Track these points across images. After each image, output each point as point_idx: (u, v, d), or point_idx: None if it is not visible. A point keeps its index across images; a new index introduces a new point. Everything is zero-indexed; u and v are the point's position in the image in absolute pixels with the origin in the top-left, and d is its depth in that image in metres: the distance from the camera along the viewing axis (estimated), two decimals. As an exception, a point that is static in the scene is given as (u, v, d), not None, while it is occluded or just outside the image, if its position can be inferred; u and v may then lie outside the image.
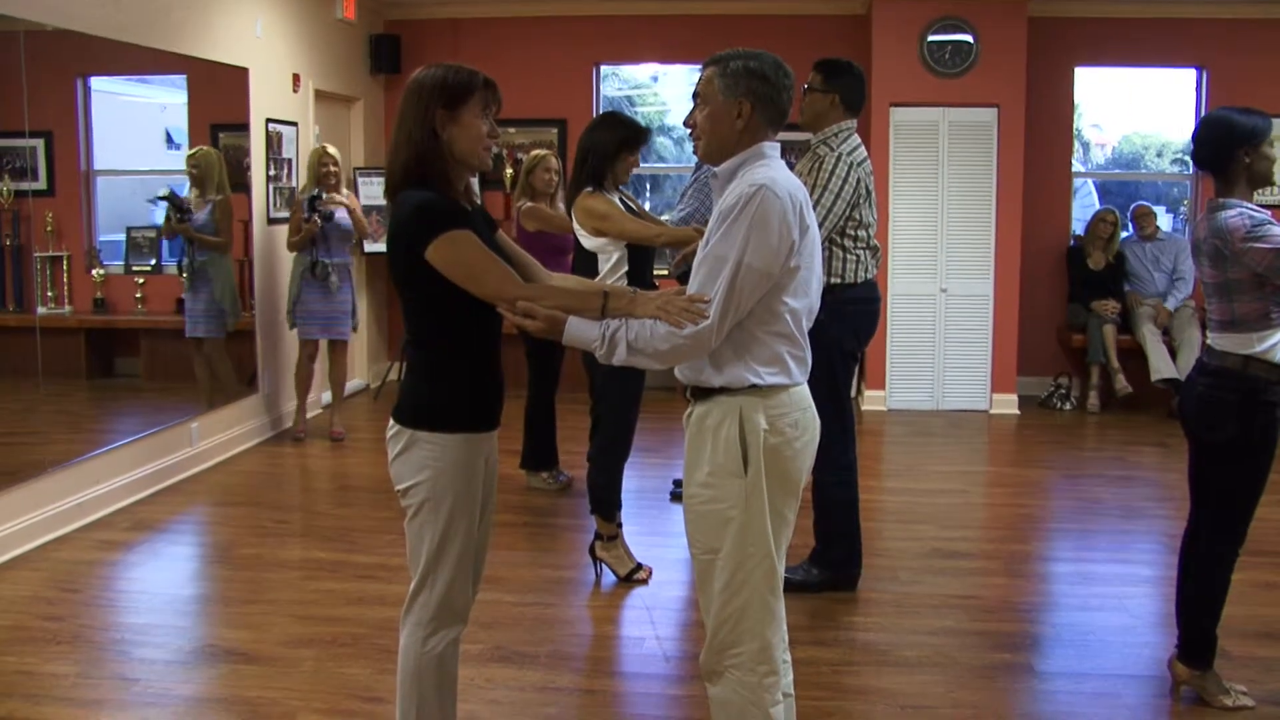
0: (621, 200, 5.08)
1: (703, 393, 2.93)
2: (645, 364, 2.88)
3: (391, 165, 2.95)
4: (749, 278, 2.74)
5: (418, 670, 3.03)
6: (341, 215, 7.59)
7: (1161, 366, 8.56)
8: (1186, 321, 8.65)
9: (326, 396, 8.21)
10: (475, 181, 8.63)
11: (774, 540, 2.90)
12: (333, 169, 7.58)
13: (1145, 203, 9.38)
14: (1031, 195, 8.92)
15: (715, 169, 2.99)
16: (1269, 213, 3.67)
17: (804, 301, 2.89)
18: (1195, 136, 3.80)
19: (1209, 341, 3.81)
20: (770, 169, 2.85)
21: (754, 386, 2.85)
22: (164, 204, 7.06)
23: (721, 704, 2.96)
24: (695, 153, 5.96)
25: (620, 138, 4.98)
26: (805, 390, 2.97)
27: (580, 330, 2.85)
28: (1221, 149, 3.70)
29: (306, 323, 7.65)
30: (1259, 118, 3.70)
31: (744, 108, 2.87)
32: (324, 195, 7.57)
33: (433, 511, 2.96)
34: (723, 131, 2.92)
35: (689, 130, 3.08)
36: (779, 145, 2.96)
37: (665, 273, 6.30)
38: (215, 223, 7.22)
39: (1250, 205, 3.66)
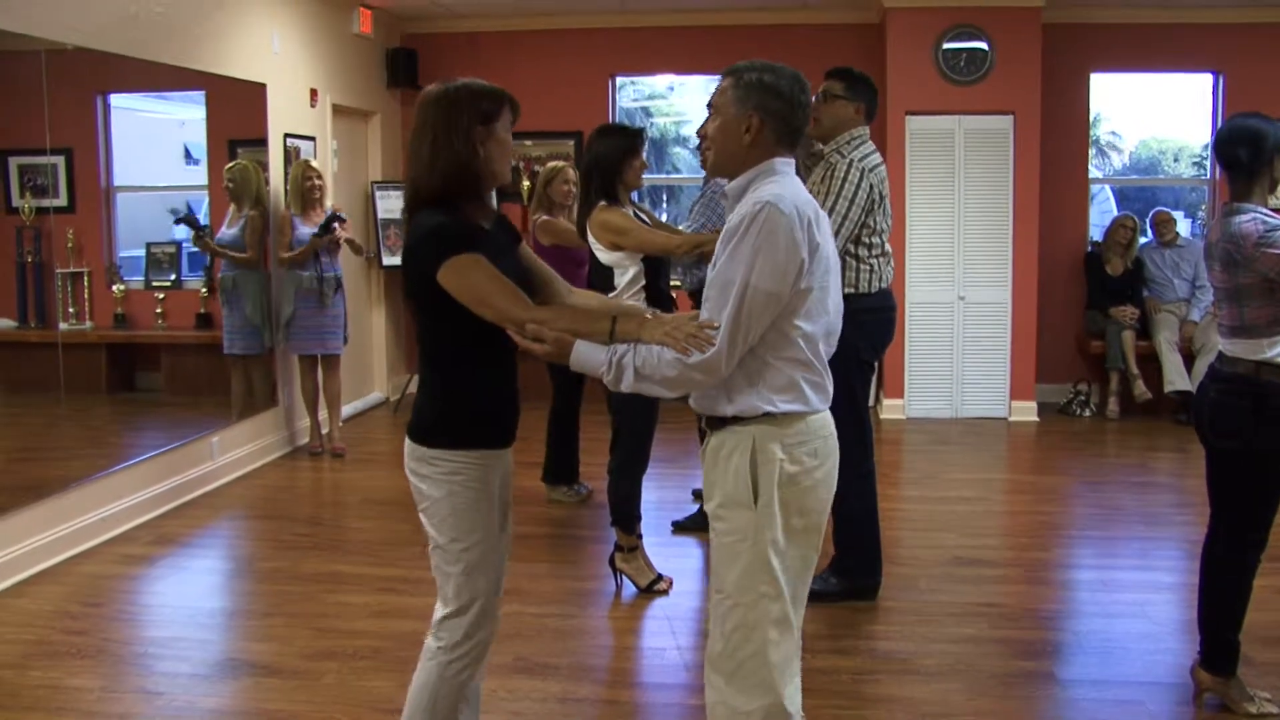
0: (635, 213, 5.09)
1: (717, 422, 2.82)
2: (654, 391, 2.76)
3: (417, 180, 2.92)
4: (757, 300, 2.63)
5: (434, 696, 3.01)
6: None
7: (1175, 378, 8.55)
8: (1208, 326, 8.61)
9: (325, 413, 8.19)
10: (493, 194, 8.68)
11: (791, 578, 2.80)
12: (317, 182, 7.59)
13: (1165, 209, 9.34)
14: (1048, 202, 8.90)
15: (725, 186, 2.94)
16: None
17: (819, 325, 2.78)
18: (1228, 140, 3.74)
19: (1221, 348, 3.80)
20: (779, 185, 2.74)
21: (768, 415, 2.73)
22: (183, 228, 7.12)
23: None
24: (702, 165, 5.98)
25: (621, 144, 5.00)
26: (826, 417, 2.85)
27: (588, 355, 2.79)
28: (1259, 154, 3.68)
29: (302, 338, 7.63)
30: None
31: (754, 122, 2.77)
32: (344, 219, 7.61)
33: (454, 529, 2.95)
34: (731, 145, 2.82)
35: (699, 140, 3.04)
36: (793, 162, 2.86)
37: (677, 284, 6.31)
38: (246, 239, 7.25)
39: (1265, 210, 3.66)
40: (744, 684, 2.79)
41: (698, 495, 6.32)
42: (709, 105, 2.97)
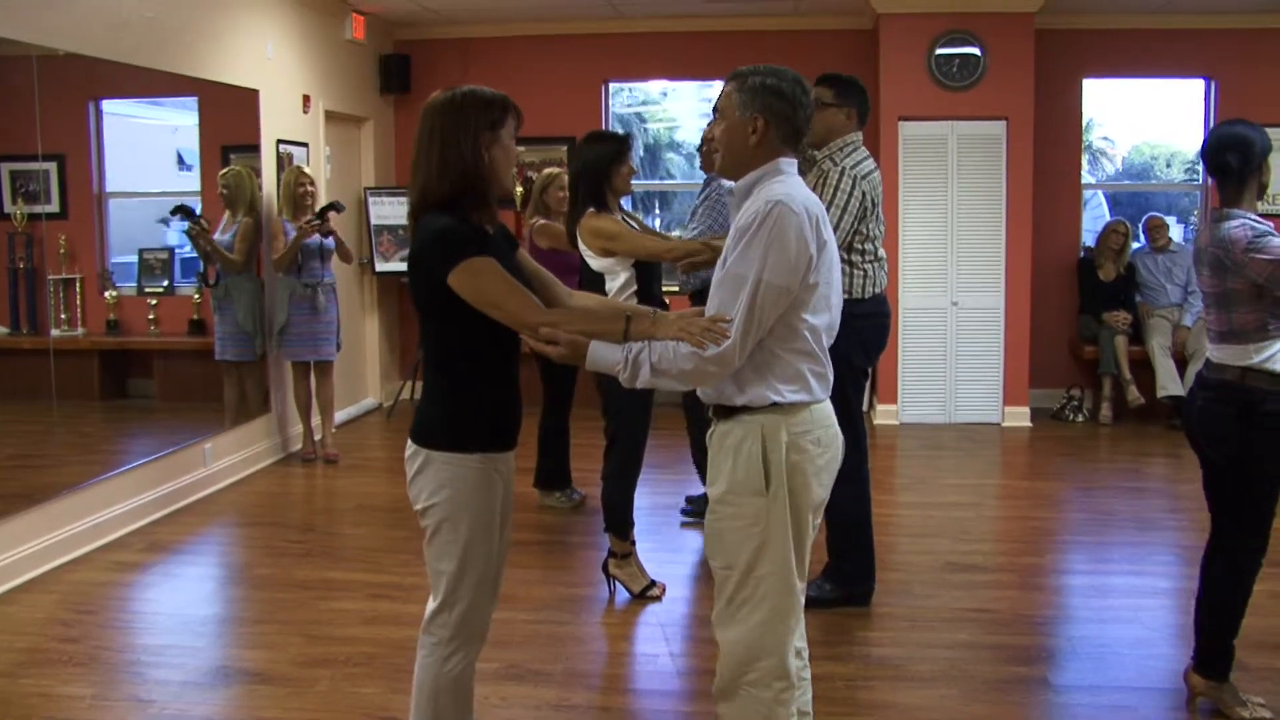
0: (624, 219, 5.10)
1: (725, 411, 2.94)
2: (669, 385, 2.89)
3: (425, 185, 2.93)
4: (769, 295, 2.76)
5: (434, 691, 3.04)
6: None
7: (1168, 384, 8.56)
8: (1201, 331, 8.63)
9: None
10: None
11: (796, 556, 2.91)
12: (310, 189, 7.58)
13: (1158, 214, 9.35)
14: (1041, 207, 8.91)
15: (730, 185, 3.01)
16: (1271, 224, 3.67)
17: (824, 318, 2.90)
18: (1218, 147, 3.73)
19: (1208, 354, 3.82)
20: (786, 185, 2.86)
21: (776, 404, 2.86)
22: (178, 220, 7.08)
23: None
24: (702, 167, 5.94)
25: (607, 151, 5.00)
26: (828, 407, 2.98)
27: (603, 354, 2.87)
28: (1248, 160, 3.69)
29: (296, 345, 7.62)
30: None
31: (759, 124, 2.89)
32: (343, 208, 7.63)
33: (451, 531, 2.96)
34: (738, 147, 2.94)
35: (699, 145, 3.10)
36: (795, 161, 2.97)
37: (675, 289, 6.31)
38: (238, 244, 7.24)
39: (1254, 216, 3.67)
40: (750, 647, 2.92)
41: (690, 501, 6.33)
42: (714, 109, 3.02)
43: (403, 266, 3.65)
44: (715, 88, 9.74)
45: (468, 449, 2.95)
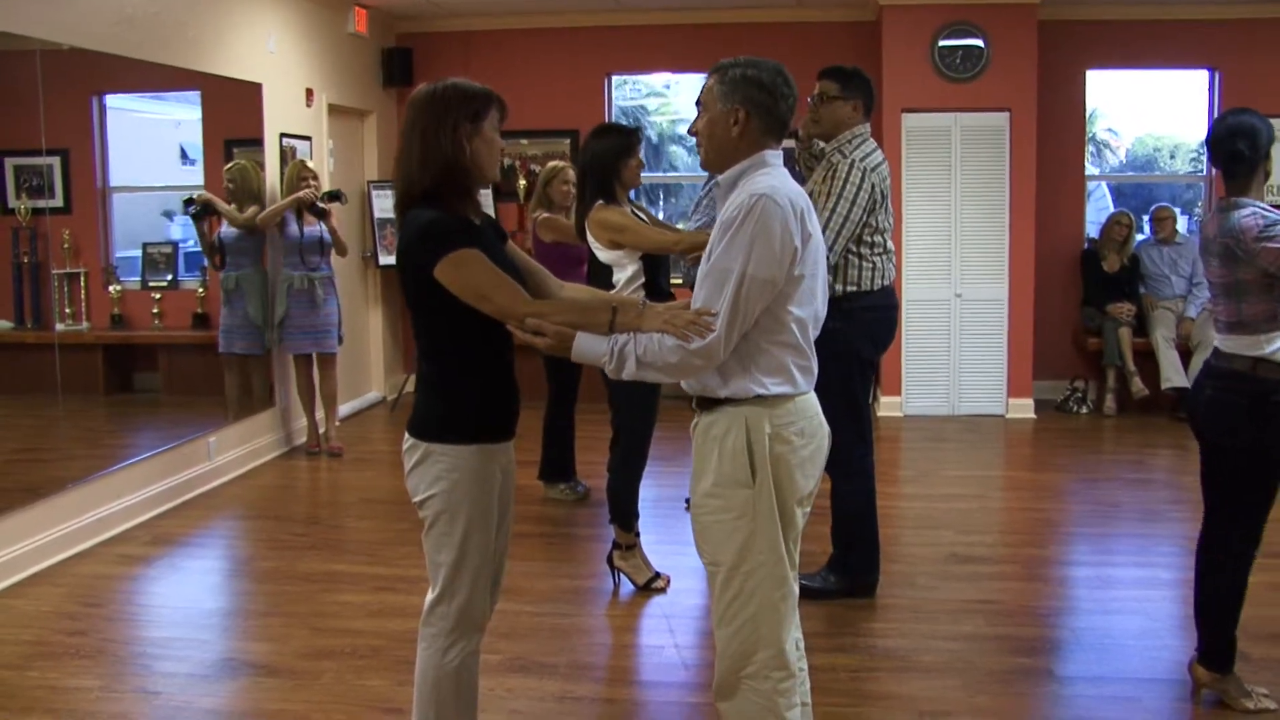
0: (633, 211, 5.10)
1: (708, 403, 2.94)
2: (655, 378, 2.88)
3: (408, 179, 2.94)
4: (754, 288, 2.75)
5: (436, 683, 3.04)
6: (325, 230, 7.59)
7: (1172, 375, 8.56)
8: (1205, 322, 8.62)
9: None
10: (488, 193, 8.67)
11: (788, 542, 2.91)
12: (312, 182, 7.58)
13: (1166, 204, 9.34)
14: (1045, 199, 8.90)
15: (719, 178, 3.00)
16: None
17: (809, 310, 2.89)
18: (1229, 135, 3.71)
19: (1216, 344, 3.81)
20: (771, 177, 2.85)
21: (759, 397, 2.85)
22: (193, 209, 7.09)
23: (737, 716, 2.96)
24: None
25: (615, 144, 5.00)
26: (812, 399, 2.98)
27: (589, 346, 2.85)
28: (1256, 149, 3.69)
29: (296, 338, 7.62)
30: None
31: (740, 115, 2.88)
32: (345, 201, 7.70)
33: (449, 523, 2.97)
34: (720, 139, 2.93)
35: (694, 138, 3.09)
36: (781, 154, 2.96)
37: (680, 281, 6.31)
38: (242, 220, 7.27)
39: (1263, 205, 3.66)
40: (745, 641, 2.92)
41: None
42: (697, 103, 3.02)
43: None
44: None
45: (463, 440, 2.96)
